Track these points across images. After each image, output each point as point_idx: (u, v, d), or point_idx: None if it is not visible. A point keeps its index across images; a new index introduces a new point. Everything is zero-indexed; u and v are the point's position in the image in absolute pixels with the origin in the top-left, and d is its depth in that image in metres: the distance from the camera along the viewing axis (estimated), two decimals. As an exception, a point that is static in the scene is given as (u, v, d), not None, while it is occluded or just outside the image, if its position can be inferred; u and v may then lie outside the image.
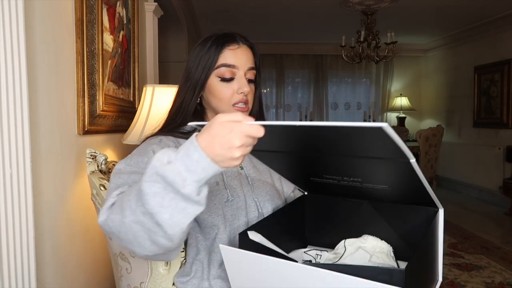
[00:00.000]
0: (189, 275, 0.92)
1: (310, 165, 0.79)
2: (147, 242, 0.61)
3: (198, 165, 0.56)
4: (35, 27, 1.04)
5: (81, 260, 1.36)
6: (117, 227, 0.63)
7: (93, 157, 1.17)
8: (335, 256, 0.85)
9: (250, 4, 4.16)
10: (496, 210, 4.45)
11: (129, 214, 0.60)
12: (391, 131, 0.50)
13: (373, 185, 0.77)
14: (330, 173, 0.78)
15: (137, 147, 0.91)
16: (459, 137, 5.59)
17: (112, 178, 0.80)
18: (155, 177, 0.57)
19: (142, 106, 1.58)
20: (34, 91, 1.04)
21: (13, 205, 0.92)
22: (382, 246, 0.84)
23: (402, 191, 0.79)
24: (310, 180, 0.85)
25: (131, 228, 0.61)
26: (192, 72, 0.94)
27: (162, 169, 0.56)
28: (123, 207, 0.62)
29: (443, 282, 2.59)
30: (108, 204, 0.68)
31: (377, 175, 0.74)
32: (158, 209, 0.56)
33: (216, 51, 0.92)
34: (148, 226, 0.59)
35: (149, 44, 2.43)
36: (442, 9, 4.37)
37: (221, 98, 0.93)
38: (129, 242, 0.63)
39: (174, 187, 0.56)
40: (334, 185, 0.82)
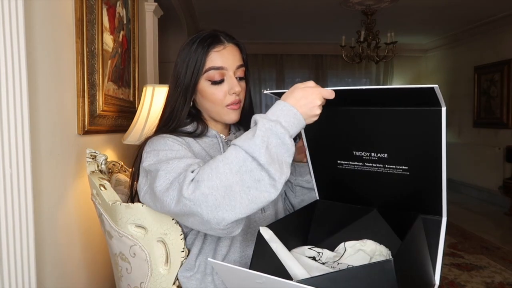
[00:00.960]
0: (193, 270, 0.92)
1: (346, 135, 0.87)
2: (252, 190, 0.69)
3: (295, 119, 0.72)
4: (35, 27, 1.04)
5: (81, 260, 1.36)
6: (215, 192, 0.68)
7: (93, 157, 1.17)
8: (336, 255, 0.85)
9: (250, 4, 4.15)
10: (496, 210, 4.45)
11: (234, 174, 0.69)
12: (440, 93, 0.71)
13: (395, 166, 0.82)
14: (360, 148, 0.84)
15: (147, 146, 0.90)
16: (459, 137, 5.59)
17: (159, 168, 0.80)
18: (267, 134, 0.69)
19: (142, 106, 1.58)
20: (34, 91, 1.04)
21: (13, 205, 0.92)
22: (381, 250, 0.85)
23: (418, 180, 0.81)
24: (337, 168, 0.90)
25: (236, 184, 0.68)
26: (181, 77, 0.94)
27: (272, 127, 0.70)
28: (223, 171, 0.69)
29: (443, 282, 2.59)
30: (188, 181, 0.71)
31: (403, 151, 0.80)
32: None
33: (202, 54, 0.91)
34: (255, 174, 0.68)
35: (149, 44, 2.43)
36: (442, 9, 4.37)
37: (214, 100, 0.94)
38: (230, 199, 0.69)
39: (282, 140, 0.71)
40: (356, 173, 0.87)
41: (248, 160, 0.69)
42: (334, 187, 0.96)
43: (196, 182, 0.70)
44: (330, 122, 0.86)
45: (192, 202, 0.69)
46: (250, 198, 0.68)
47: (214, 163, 0.71)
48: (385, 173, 0.84)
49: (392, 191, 0.87)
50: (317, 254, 0.85)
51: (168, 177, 0.77)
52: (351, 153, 0.87)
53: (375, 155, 0.84)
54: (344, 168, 0.89)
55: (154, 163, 0.83)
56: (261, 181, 0.68)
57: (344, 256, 0.84)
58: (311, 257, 0.82)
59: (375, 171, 0.85)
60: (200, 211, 0.69)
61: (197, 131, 0.96)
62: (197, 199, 0.69)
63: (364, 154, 0.85)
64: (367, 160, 0.85)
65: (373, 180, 0.86)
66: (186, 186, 0.70)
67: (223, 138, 1.00)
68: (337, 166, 0.90)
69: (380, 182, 0.86)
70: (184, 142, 0.91)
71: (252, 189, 0.68)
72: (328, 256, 0.85)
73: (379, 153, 0.83)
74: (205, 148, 0.96)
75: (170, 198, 0.74)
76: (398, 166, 0.82)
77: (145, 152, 0.88)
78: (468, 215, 4.27)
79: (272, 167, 0.68)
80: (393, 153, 0.82)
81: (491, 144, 4.84)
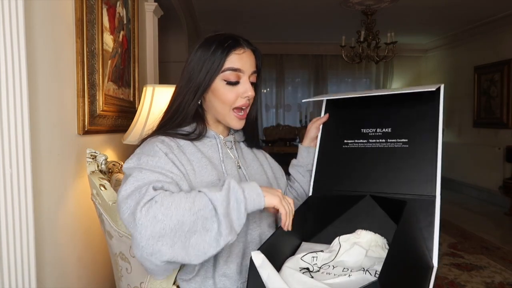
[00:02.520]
0: (192, 273, 0.92)
1: (355, 116, 1.04)
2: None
3: (257, 197, 0.79)
4: (35, 27, 1.05)
5: (81, 260, 1.36)
6: (167, 221, 0.71)
7: (93, 157, 1.17)
8: (331, 255, 0.84)
9: (250, 4, 4.16)
10: (496, 210, 4.45)
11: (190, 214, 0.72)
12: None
13: (396, 140, 0.95)
14: (368, 126, 1.00)
15: (139, 148, 0.91)
16: (459, 137, 5.59)
17: (132, 173, 0.81)
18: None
19: (142, 106, 1.58)
20: (34, 91, 1.04)
21: (13, 205, 0.92)
22: (376, 240, 0.86)
23: (416, 153, 0.92)
24: (342, 148, 1.03)
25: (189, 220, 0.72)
26: (195, 74, 0.94)
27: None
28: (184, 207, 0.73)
29: (443, 282, 2.59)
30: (147, 198, 0.73)
31: (405, 125, 0.95)
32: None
33: (222, 55, 0.92)
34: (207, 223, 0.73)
35: (149, 44, 2.43)
36: (442, 9, 4.37)
37: (224, 101, 0.94)
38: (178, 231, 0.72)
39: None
40: (359, 151, 0.99)
41: (208, 207, 0.73)
42: (334, 171, 1.04)
43: (154, 202, 0.72)
44: (344, 111, 1.07)
45: (140, 221, 0.70)
46: (191, 242, 0.72)
47: (178, 195, 0.74)
48: (387, 148, 0.96)
49: (390, 170, 0.94)
50: (312, 259, 0.83)
51: (134, 184, 0.78)
52: (359, 131, 1.01)
53: (381, 130, 0.98)
54: (349, 147, 1.02)
55: (132, 166, 0.84)
56: (208, 232, 0.72)
57: (340, 252, 0.84)
58: (305, 268, 0.80)
59: (377, 147, 0.98)
60: (140, 234, 0.70)
61: (195, 132, 0.96)
62: (146, 220, 0.70)
63: (370, 131, 1.00)
64: (372, 137, 0.99)
65: (375, 158, 0.97)
66: (143, 202, 0.72)
67: (221, 138, 1.00)
68: (342, 146, 1.03)
69: (381, 159, 0.96)
70: (174, 148, 0.90)
71: (197, 234, 0.72)
72: (324, 257, 0.84)
73: (384, 128, 0.98)
74: (202, 149, 0.95)
75: (126, 206, 0.75)
76: (399, 139, 0.95)
77: (133, 154, 0.89)
78: (468, 215, 4.27)
79: (224, 221, 0.73)
80: (396, 128, 0.96)
81: (491, 144, 4.84)
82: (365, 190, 0.95)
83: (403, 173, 0.92)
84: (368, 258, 0.82)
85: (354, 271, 0.77)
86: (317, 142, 1.10)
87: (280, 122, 6.47)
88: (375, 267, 0.77)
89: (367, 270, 0.76)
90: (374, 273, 0.75)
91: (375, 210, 0.93)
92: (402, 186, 0.91)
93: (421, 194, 0.88)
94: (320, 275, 0.78)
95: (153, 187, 0.75)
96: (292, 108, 6.56)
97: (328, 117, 1.10)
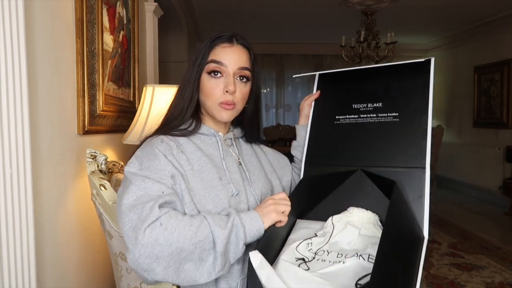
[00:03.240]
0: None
1: (347, 92, 1.05)
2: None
3: (257, 232, 0.83)
4: (35, 27, 1.04)
5: (81, 260, 1.36)
6: (167, 246, 0.73)
7: (93, 157, 1.17)
8: (325, 238, 0.86)
9: (250, 4, 4.16)
10: (496, 210, 4.45)
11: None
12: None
13: (387, 114, 0.96)
14: (359, 101, 1.01)
15: (139, 148, 0.91)
16: (459, 137, 5.59)
17: (133, 181, 0.82)
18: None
19: (142, 106, 1.58)
20: (34, 91, 1.04)
21: (13, 205, 0.92)
22: (368, 217, 0.88)
23: (406, 126, 0.94)
24: (333, 124, 1.04)
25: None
26: (189, 71, 0.96)
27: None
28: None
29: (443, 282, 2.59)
30: (152, 219, 0.74)
31: (396, 99, 0.97)
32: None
33: (208, 48, 0.95)
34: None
35: (149, 44, 2.43)
36: (442, 9, 4.37)
37: (209, 94, 0.95)
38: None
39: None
40: (351, 127, 1.01)
41: (209, 239, 0.76)
42: (326, 147, 1.05)
43: (158, 225, 0.74)
44: (336, 87, 1.08)
45: (142, 241, 0.73)
46: (184, 268, 0.75)
47: (183, 221, 0.76)
48: (378, 123, 0.97)
49: (381, 144, 0.95)
50: (307, 246, 0.85)
51: (137, 194, 0.79)
52: (351, 106, 1.02)
53: (372, 105, 1.00)
54: (341, 123, 1.03)
55: (134, 172, 0.84)
56: (203, 262, 0.76)
57: (334, 233, 0.86)
58: (301, 258, 0.81)
59: (368, 122, 0.99)
60: (139, 252, 0.72)
61: (189, 127, 0.97)
62: (148, 241, 0.72)
63: (362, 106, 1.01)
64: (363, 112, 1.00)
65: (366, 133, 0.98)
66: (148, 223, 0.74)
67: (221, 136, 1.00)
68: (334, 122, 1.04)
69: (372, 134, 0.97)
70: (174, 148, 0.90)
71: (191, 263, 0.75)
72: (318, 242, 0.85)
73: (375, 103, 0.99)
74: (201, 146, 0.96)
75: (128, 219, 0.76)
76: (390, 113, 0.97)
77: (134, 155, 0.89)
78: (468, 215, 4.27)
79: (220, 259, 0.77)
80: (387, 102, 0.98)
81: (491, 144, 4.84)
82: (356, 164, 0.97)
83: (394, 147, 0.94)
84: (362, 237, 0.84)
85: (349, 256, 0.78)
86: (309, 118, 1.11)
87: (280, 122, 6.47)
88: (368, 251, 0.79)
89: (361, 255, 0.77)
90: (367, 258, 0.77)
91: (367, 184, 0.95)
92: (393, 159, 0.93)
93: (412, 167, 0.89)
94: (315, 264, 0.79)
95: (158, 206, 0.76)
96: (292, 108, 6.56)
97: (319, 93, 1.12)
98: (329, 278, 0.73)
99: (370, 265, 0.75)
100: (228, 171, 0.95)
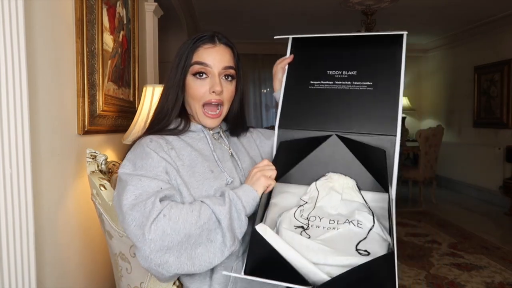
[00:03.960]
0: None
1: (322, 58, 1.05)
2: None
3: (254, 201, 0.85)
4: (35, 27, 1.04)
5: (81, 260, 1.36)
6: (175, 235, 0.75)
7: (93, 157, 1.17)
8: (312, 204, 0.92)
9: (250, 4, 4.16)
10: (496, 210, 4.45)
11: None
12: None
13: (361, 82, 0.99)
14: (334, 68, 1.02)
15: (129, 151, 0.91)
16: (459, 137, 5.59)
17: (129, 181, 0.82)
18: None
19: (142, 106, 1.58)
20: (34, 91, 1.04)
21: (13, 205, 0.92)
22: (347, 182, 0.96)
23: (380, 96, 0.98)
24: (308, 89, 1.04)
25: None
26: (173, 73, 0.96)
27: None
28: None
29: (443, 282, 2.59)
30: (156, 212, 0.75)
31: (370, 68, 1.00)
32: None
33: (191, 50, 0.94)
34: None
35: (149, 44, 2.43)
36: (442, 9, 4.37)
37: (194, 95, 0.95)
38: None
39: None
40: (326, 92, 1.02)
41: (212, 219, 0.78)
42: (300, 112, 1.05)
43: (162, 216, 0.75)
44: (310, 52, 1.07)
45: (150, 236, 0.73)
46: (197, 253, 0.77)
47: (184, 208, 0.78)
48: (352, 90, 1.00)
49: (355, 111, 0.99)
50: (300, 212, 0.89)
51: (136, 193, 0.80)
52: (325, 72, 1.03)
53: (346, 72, 1.02)
54: (315, 88, 1.03)
55: (128, 173, 0.85)
56: (213, 242, 0.78)
57: (319, 198, 0.92)
58: (300, 226, 0.85)
59: (343, 89, 1.01)
60: (150, 248, 0.73)
61: (179, 127, 0.97)
62: (156, 235, 0.73)
63: (336, 73, 1.02)
64: (337, 79, 1.02)
65: (340, 99, 1.00)
66: (153, 217, 0.74)
67: (208, 131, 1.01)
68: (308, 87, 1.04)
69: (346, 101, 1.00)
70: (164, 145, 0.90)
71: (202, 246, 0.77)
72: (308, 208, 0.91)
73: (350, 71, 1.01)
74: (190, 142, 0.96)
75: (131, 218, 0.77)
76: (364, 82, 1.00)
77: (126, 158, 0.90)
78: (468, 215, 4.27)
79: (228, 234, 0.78)
80: (361, 71, 1.00)
81: (491, 144, 4.84)
82: (330, 129, 1.00)
83: (367, 114, 0.98)
84: (344, 202, 0.91)
85: (341, 223, 0.85)
86: (283, 83, 1.09)
87: (280, 122, 6.46)
88: (356, 217, 0.85)
89: (351, 221, 0.84)
90: (357, 224, 0.84)
91: (341, 149, 0.99)
92: (366, 126, 0.97)
93: (383, 134, 0.95)
94: (313, 231, 0.84)
95: (160, 200, 0.77)
96: (292, 108, 6.55)
97: (293, 57, 1.10)
98: (330, 245, 0.78)
99: (359, 230, 0.82)
100: (220, 161, 0.96)
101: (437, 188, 5.09)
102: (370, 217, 0.85)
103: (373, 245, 0.77)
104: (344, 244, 0.78)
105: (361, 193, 0.95)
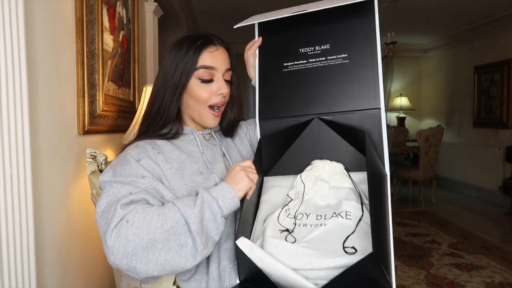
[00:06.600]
0: (190, 272, 0.92)
1: (292, 37, 0.99)
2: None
3: (232, 201, 0.81)
4: (35, 27, 1.05)
5: (81, 260, 1.36)
6: (138, 240, 0.71)
7: (93, 157, 1.17)
8: (299, 199, 0.87)
9: (250, 4, 4.16)
10: (496, 210, 4.45)
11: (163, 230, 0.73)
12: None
13: (336, 56, 0.93)
14: (306, 44, 0.97)
15: (114, 160, 0.91)
16: (459, 137, 5.59)
17: (104, 189, 0.81)
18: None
19: (142, 106, 1.58)
20: (34, 91, 1.04)
21: (13, 205, 0.92)
22: (334, 167, 0.90)
23: (357, 67, 0.92)
24: (282, 72, 0.99)
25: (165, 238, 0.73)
26: (170, 76, 0.94)
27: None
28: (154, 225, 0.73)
29: (443, 282, 2.59)
30: (117, 219, 0.72)
31: (343, 40, 0.94)
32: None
33: (195, 54, 0.93)
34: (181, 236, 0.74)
35: (149, 44, 2.43)
36: (442, 9, 4.37)
37: (198, 99, 0.95)
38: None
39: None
40: (301, 73, 0.97)
41: (181, 223, 0.73)
42: (277, 97, 1.00)
43: (125, 222, 0.72)
44: (280, 33, 1.01)
45: (111, 243, 0.71)
46: (167, 259, 0.72)
47: (150, 212, 0.74)
48: (328, 66, 0.94)
49: (334, 88, 0.93)
50: (285, 213, 0.85)
51: (107, 200, 0.79)
52: (297, 51, 0.98)
53: (319, 47, 0.96)
54: (290, 70, 0.98)
55: (106, 180, 0.84)
56: (183, 247, 0.73)
57: (306, 191, 0.88)
58: (285, 230, 0.82)
59: (317, 66, 0.95)
60: (113, 255, 0.71)
61: (171, 131, 0.97)
62: (117, 242, 0.71)
63: (309, 50, 0.97)
64: (311, 56, 0.96)
65: (317, 78, 0.95)
66: (113, 225, 0.72)
67: (198, 133, 1.01)
68: (283, 70, 0.99)
69: (323, 79, 0.94)
70: (149, 150, 0.89)
71: (172, 251, 0.72)
72: (294, 204, 0.87)
73: (323, 45, 0.96)
74: (179, 145, 0.96)
75: (100, 225, 0.76)
76: (339, 55, 0.94)
77: (110, 164, 0.89)
78: (468, 215, 4.27)
79: (199, 238, 0.73)
80: (335, 43, 0.94)
81: (491, 144, 4.84)
82: (311, 112, 0.95)
83: (347, 90, 0.92)
84: (332, 189, 0.86)
85: (328, 217, 0.80)
86: (256, 69, 1.03)
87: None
88: (344, 208, 0.81)
89: (339, 213, 0.80)
90: (345, 215, 0.79)
91: (325, 132, 0.94)
92: (348, 103, 0.92)
93: (367, 109, 0.90)
94: (299, 231, 0.80)
95: (120, 206, 0.74)
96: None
97: (262, 40, 1.04)
98: (316, 246, 0.75)
99: (348, 222, 0.78)
100: (209, 163, 0.96)
101: (437, 188, 5.09)
102: (358, 206, 0.81)
103: (361, 239, 0.74)
104: (331, 243, 0.75)
105: (350, 175, 0.90)
